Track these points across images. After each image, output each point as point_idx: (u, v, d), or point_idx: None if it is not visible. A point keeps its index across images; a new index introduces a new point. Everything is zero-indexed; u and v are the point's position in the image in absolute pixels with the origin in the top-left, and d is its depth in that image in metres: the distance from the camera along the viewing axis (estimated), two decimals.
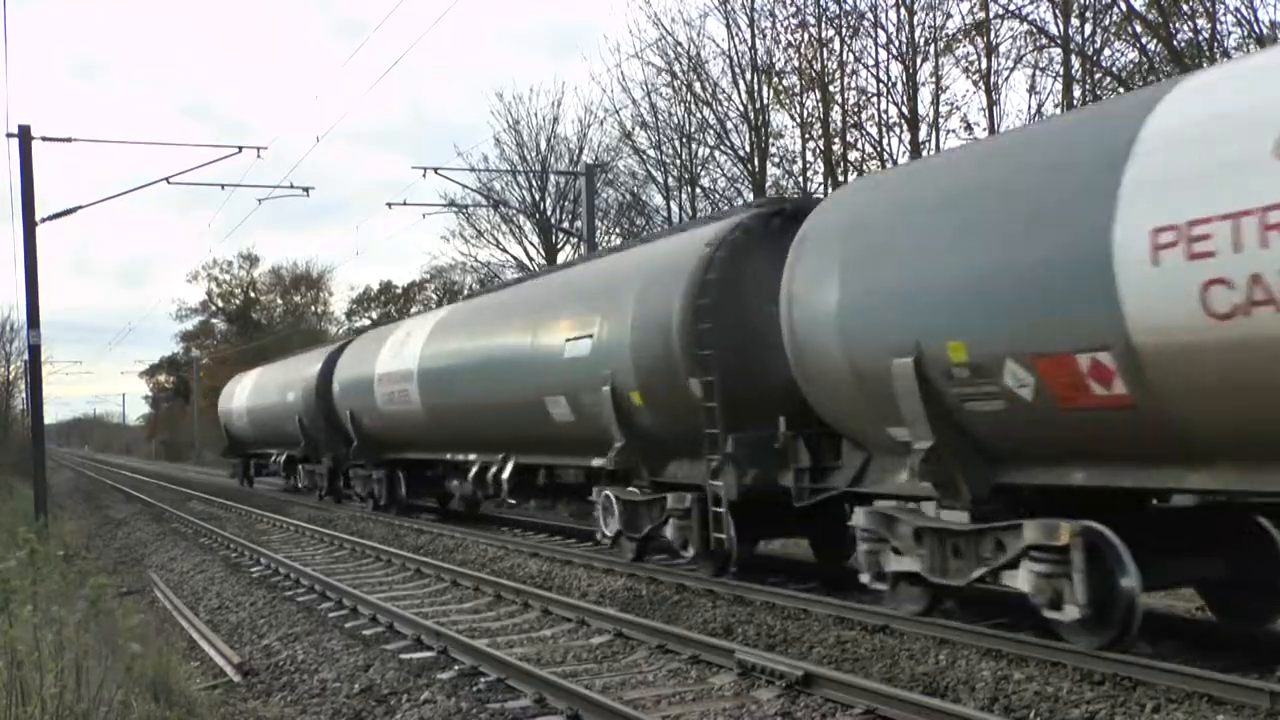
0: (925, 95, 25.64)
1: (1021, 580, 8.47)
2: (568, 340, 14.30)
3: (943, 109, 25.49)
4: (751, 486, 11.38)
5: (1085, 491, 8.25)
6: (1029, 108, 23.98)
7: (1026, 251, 7.90)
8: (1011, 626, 9.22)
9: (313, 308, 80.00)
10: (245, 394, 35.92)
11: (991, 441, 8.69)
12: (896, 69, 25.79)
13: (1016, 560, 8.49)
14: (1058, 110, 22.04)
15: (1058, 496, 8.47)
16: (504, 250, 41.68)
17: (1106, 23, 22.21)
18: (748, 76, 28.79)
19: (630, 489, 13.66)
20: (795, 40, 27.81)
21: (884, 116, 26.45)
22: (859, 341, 9.47)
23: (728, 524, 11.74)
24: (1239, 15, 20.05)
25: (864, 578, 10.16)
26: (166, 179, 25.44)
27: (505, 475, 16.93)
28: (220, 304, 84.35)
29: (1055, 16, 22.63)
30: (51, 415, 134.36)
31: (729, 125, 29.84)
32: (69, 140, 25.35)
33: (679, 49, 30.24)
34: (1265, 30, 19.16)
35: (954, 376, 8.56)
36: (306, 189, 27.98)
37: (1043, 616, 8.34)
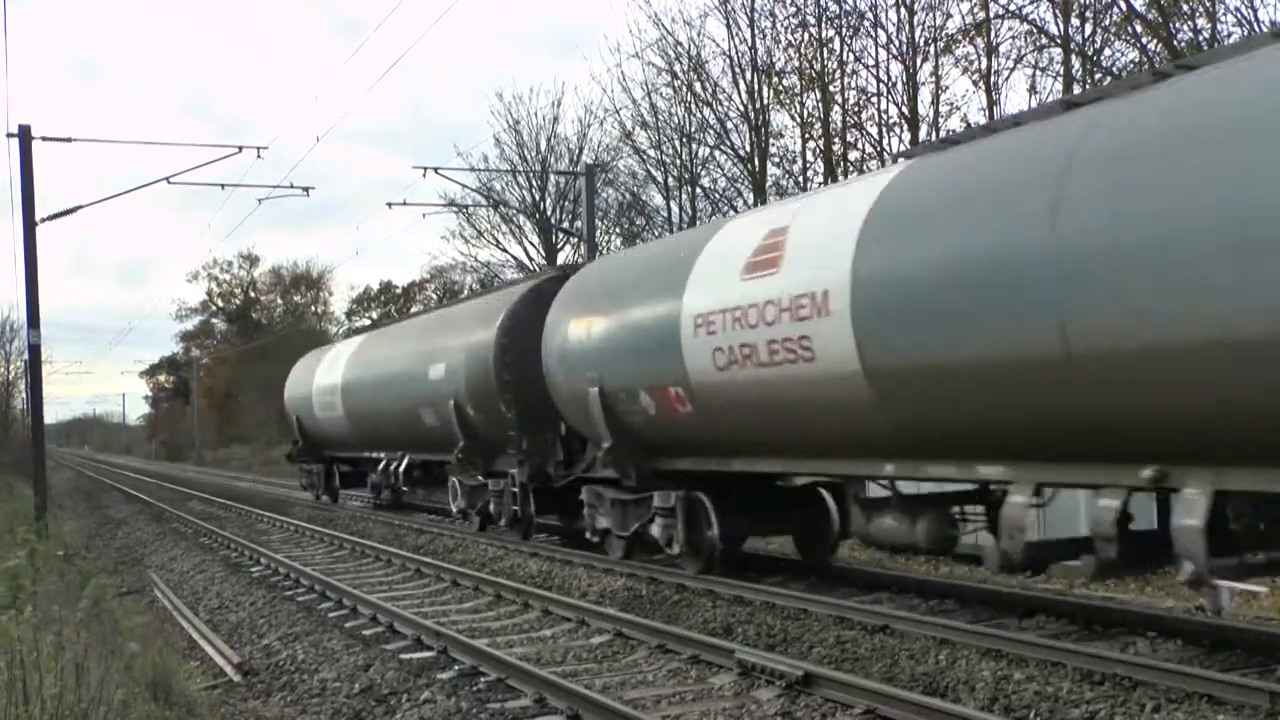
0: (925, 95, 25.70)
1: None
2: None
3: (943, 109, 25.54)
4: None
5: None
6: (1029, 108, 23.97)
7: None
8: (1012, 626, 9.23)
9: (313, 308, 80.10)
10: (338, 373, 24.97)
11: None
12: (896, 69, 25.84)
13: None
14: None
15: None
16: (504, 250, 41.70)
17: (1106, 23, 22.25)
18: (748, 76, 28.82)
19: None
20: (795, 40, 27.85)
21: (884, 116, 26.50)
22: None
23: None
24: (1239, 15, 20.08)
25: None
26: (166, 179, 25.46)
27: (1196, 520, 6.96)
28: (220, 304, 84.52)
29: (1055, 16, 22.67)
30: (51, 415, 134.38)
31: (729, 125, 29.87)
32: (69, 140, 25.38)
33: (679, 49, 30.29)
34: (1266, 30, 19.16)
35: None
36: (306, 189, 27.99)
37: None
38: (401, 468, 21.95)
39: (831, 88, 27.02)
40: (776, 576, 12.76)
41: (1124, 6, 21.50)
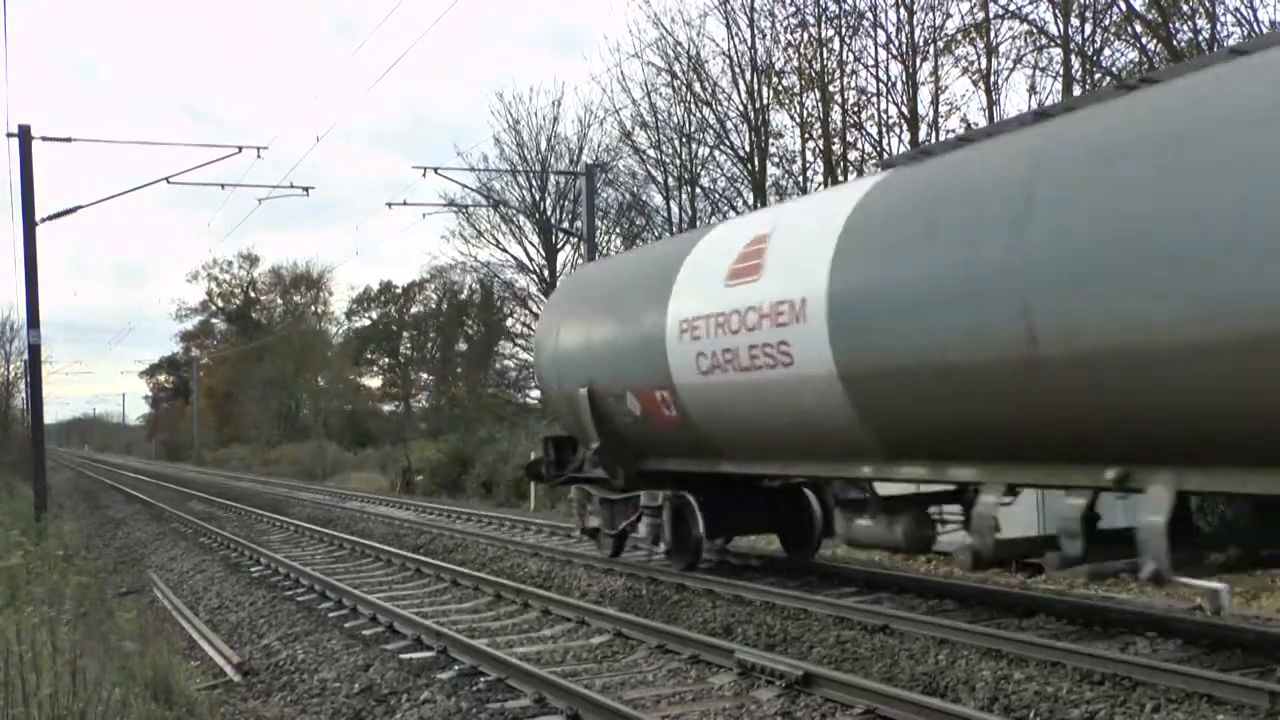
0: (925, 95, 25.67)
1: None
2: None
3: (943, 109, 25.52)
4: None
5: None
6: (1029, 108, 23.99)
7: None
8: (1012, 627, 9.22)
9: (313, 308, 80.00)
10: (803, 275, 9.71)
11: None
12: (896, 69, 25.82)
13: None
14: None
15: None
16: (504, 250, 41.66)
17: (1106, 23, 22.23)
18: (747, 76, 28.80)
19: None
20: (795, 40, 27.84)
21: (884, 116, 26.48)
22: None
23: None
24: (1239, 15, 20.07)
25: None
26: (166, 179, 25.48)
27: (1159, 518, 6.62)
28: (220, 304, 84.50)
29: (1055, 16, 22.66)
30: (51, 415, 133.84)
31: (729, 125, 29.85)
32: (69, 140, 25.46)
33: (679, 49, 30.25)
34: (1265, 30, 19.16)
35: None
36: (306, 189, 28.00)
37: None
38: (1164, 517, 7.09)
39: (831, 88, 27.02)
40: (778, 576, 12.76)
41: (1124, 6, 21.50)
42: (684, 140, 31.84)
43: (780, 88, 28.45)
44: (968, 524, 8.92)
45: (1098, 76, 22.01)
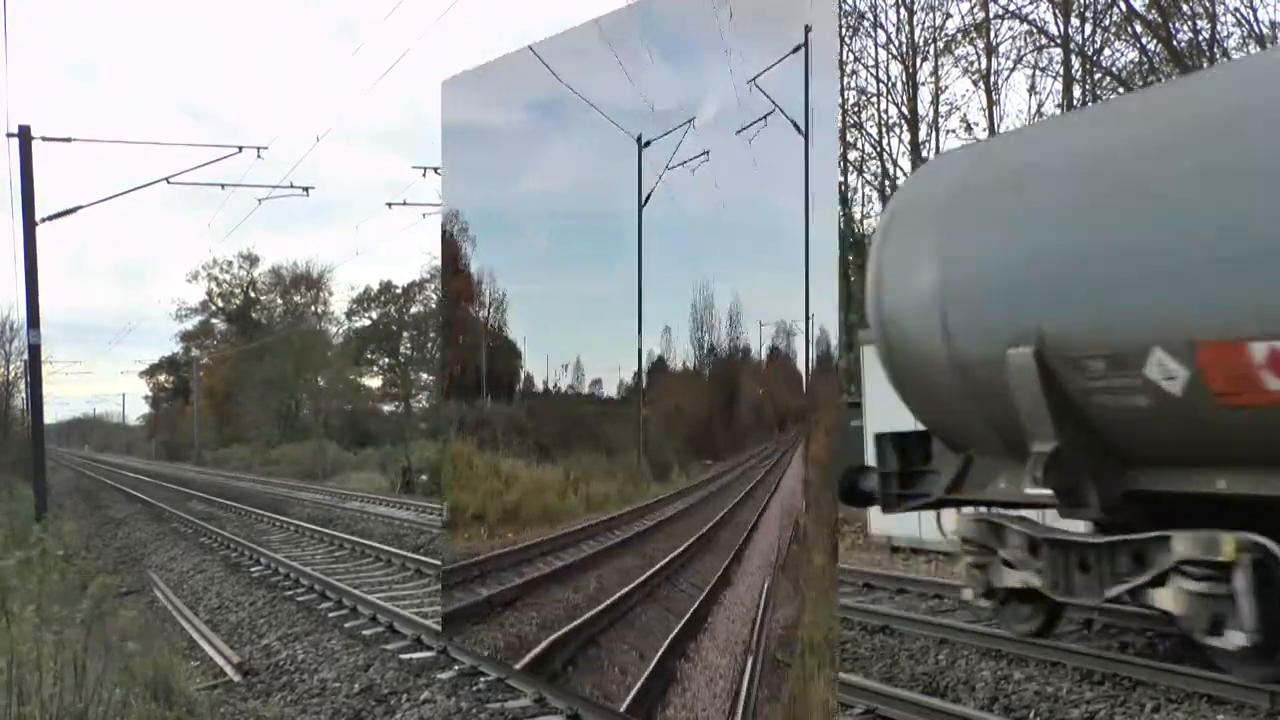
0: (925, 95, 25.70)
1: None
2: None
3: (943, 109, 25.54)
4: None
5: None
6: (1029, 108, 24.04)
7: None
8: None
9: (313, 308, 79.97)
10: None
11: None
12: (896, 69, 25.85)
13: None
14: (1058, 110, 22.04)
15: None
16: None
17: (1106, 23, 22.26)
18: None
19: None
20: None
21: (884, 116, 26.50)
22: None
23: None
24: (1239, 15, 20.10)
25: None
26: (166, 179, 25.40)
27: None
28: (220, 304, 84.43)
29: (1055, 16, 22.67)
30: (51, 415, 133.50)
31: None
32: (69, 140, 25.36)
33: None
34: (1265, 30, 19.18)
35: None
36: (306, 189, 27.89)
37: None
38: None
39: None
40: None
41: (1124, 6, 21.53)
42: None
43: None
44: None
45: (1098, 76, 22.04)
